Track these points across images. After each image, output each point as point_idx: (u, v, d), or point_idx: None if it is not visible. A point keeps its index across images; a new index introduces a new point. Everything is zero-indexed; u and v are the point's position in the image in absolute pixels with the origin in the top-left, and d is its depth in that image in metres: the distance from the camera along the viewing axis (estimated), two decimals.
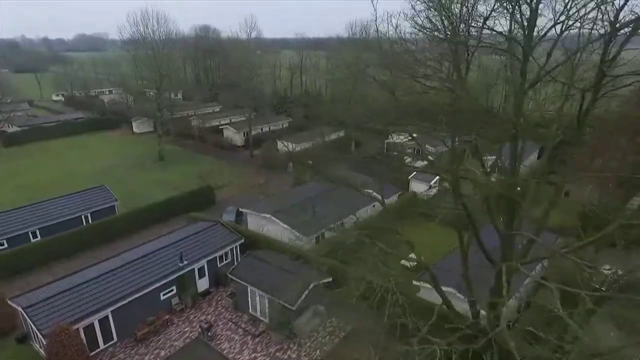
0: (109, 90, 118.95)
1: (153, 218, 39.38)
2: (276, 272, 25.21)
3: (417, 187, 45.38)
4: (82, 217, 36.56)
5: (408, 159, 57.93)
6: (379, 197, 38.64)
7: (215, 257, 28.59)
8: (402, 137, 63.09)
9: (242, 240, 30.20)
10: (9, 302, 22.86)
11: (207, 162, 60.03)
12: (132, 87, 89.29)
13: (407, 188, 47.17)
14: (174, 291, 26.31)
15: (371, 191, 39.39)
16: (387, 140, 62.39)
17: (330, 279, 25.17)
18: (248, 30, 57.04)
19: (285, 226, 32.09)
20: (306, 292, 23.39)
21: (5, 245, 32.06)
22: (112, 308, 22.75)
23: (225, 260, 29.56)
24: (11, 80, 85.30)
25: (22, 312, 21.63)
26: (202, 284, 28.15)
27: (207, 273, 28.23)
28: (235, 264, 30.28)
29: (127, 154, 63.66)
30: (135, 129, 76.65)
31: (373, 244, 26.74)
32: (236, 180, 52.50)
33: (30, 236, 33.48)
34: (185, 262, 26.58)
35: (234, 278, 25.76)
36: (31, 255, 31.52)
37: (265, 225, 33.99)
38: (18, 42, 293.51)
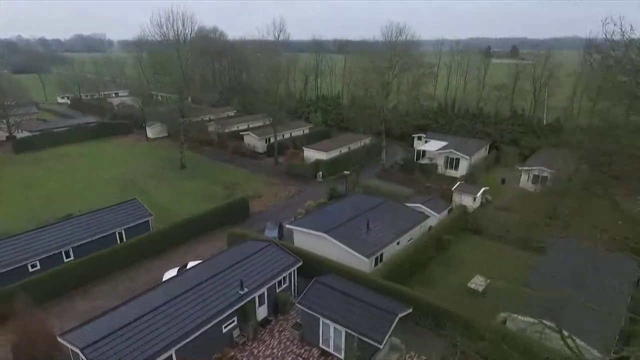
0: (115, 93, 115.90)
1: (189, 234, 36.92)
2: (350, 301, 22.88)
3: (461, 199, 43.12)
4: (116, 233, 33.93)
5: (441, 168, 56.15)
6: (435, 213, 36.66)
7: (275, 283, 26.16)
8: (430, 143, 61.30)
9: (300, 263, 27.79)
10: (60, 340, 20.31)
11: (230, 171, 57.49)
12: (144, 90, 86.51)
13: (449, 200, 44.67)
14: (235, 322, 23.86)
15: (422, 205, 37.53)
16: (418, 148, 60.23)
17: (411, 310, 22.82)
18: (276, 33, 54.54)
19: (343, 246, 29.71)
20: (393, 326, 21.06)
21: (38, 267, 29.42)
22: (177, 347, 20.25)
23: (283, 284, 27.16)
24: (18, 81, 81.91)
25: (79, 352, 19.06)
26: (261, 312, 25.74)
27: (266, 300, 25.82)
28: (293, 288, 28.11)
29: (145, 162, 60.95)
30: (149, 134, 73.89)
31: None
32: (265, 191, 50.04)
33: (64, 256, 30.84)
34: (246, 290, 24.15)
35: (303, 308, 23.35)
36: (66, 278, 28.93)
37: (317, 244, 31.55)
38: (15, 42, 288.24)
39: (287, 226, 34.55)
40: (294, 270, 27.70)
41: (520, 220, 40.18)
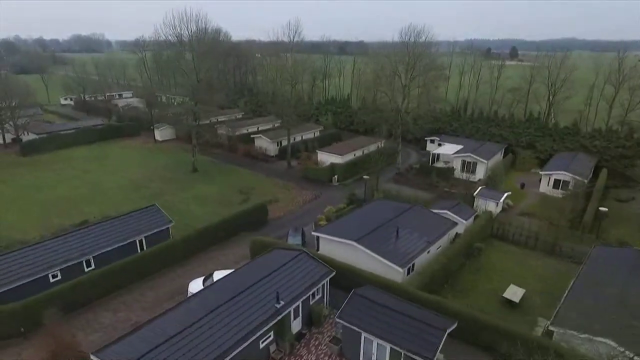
0: (118, 94, 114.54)
1: (210, 241, 35.91)
2: (392, 315, 21.90)
3: (486, 205, 42.23)
4: (137, 241, 32.83)
5: (458, 172, 55.29)
6: (462, 219, 35.78)
7: (309, 295, 25.18)
8: (445, 147, 60.40)
9: (334, 273, 26.83)
10: (93, 358, 19.22)
11: (244, 175, 56.45)
12: (149, 91, 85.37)
13: (470, 205, 43.70)
14: (272, 337, 22.87)
15: (449, 211, 36.64)
16: (434, 151, 59.33)
17: (456, 324, 21.88)
18: (290, 35, 53.25)
19: (375, 255, 28.76)
20: (442, 343, 20.14)
21: (59, 277, 28.28)
22: None
23: (317, 296, 26.20)
24: (25, 83, 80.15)
25: None
26: (295, 325, 24.75)
27: (300, 313, 24.84)
28: (325, 299, 27.17)
29: (155, 165, 59.74)
30: (157, 137, 72.74)
31: None
32: (282, 196, 49.01)
33: (84, 265, 29.73)
34: (282, 303, 23.16)
35: (344, 323, 22.38)
36: (88, 289, 27.78)
37: (344, 252, 30.57)
38: (13, 42, 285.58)
39: (313, 233, 33.56)
40: (326, 281, 26.74)
41: (547, 226, 39.35)
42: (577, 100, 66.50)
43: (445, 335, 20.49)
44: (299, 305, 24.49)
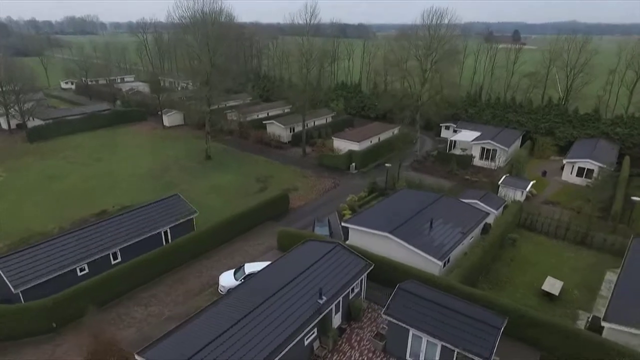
0: (120, 78, 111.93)
1: (234, 232, 35.04)
2: (442, 311, 21.26)
3: (515, 194, 41.41)
4: (162, 233, 31.91)
5: (477, 159, 54.35)
6: (493, 210, 34.94)
7: (349, 290, 24.47)
8: (464, 133, 59.25)
9: (372, 267, 26.09)
10: (138, 358, 18.50)
11: (258, 162, 55.22)
12: (154, 76, 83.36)
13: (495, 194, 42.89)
14: (315, 334, 22.22)
15: (479, 201, 35.82)
16: (451, 138, 58.24)
17: (506, 320, 21.24)
18: (307, 18, 51.12)
19: (412, 248, 27.99)
20: (497, 340, 19.52)
21: (87, 270, 27.42)
22: None
23: (356, 289, 25.52)
24: (30, 68, 77.53)
25: None
26: (336, 320, 24.13)
27: (341, 308, 24.19)
28: (363, 293, 26.53)
29: (167, 153, 58.30)
30: (166, 122, 71.11)
31: None
32: (300, 184, 47.98)
33: (111, 258, 28.86)
34: (324, 299, 22.43)
35: (391, 320, 21.71)
36: (117, 282, 26.97)
37: (376, 243, 29.80)
38: (6, 24, 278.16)
39: (343, 224, 32.75)
40: (365, 275, 26.03)
41: (576, 216, 38.64)
42: (595, 85, 65.11)
43: (500, 333, 19.86)
44: (339, 300, 23.80)
